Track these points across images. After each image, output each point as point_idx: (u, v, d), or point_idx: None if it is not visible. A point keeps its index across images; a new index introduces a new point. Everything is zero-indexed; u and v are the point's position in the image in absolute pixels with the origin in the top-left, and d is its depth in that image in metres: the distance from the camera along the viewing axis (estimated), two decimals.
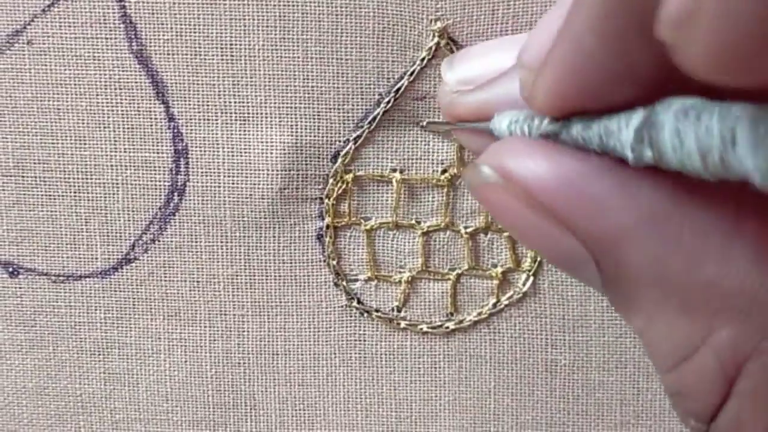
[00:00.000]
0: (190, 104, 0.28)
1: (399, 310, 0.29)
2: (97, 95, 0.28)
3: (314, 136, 0.28)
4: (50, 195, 0.29)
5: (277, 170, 0.28)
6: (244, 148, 0.28)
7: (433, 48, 0.27)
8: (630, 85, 0.16)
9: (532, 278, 0.29)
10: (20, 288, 0.29)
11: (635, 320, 0.17)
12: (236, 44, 0.27)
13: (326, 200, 0.28)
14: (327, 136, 0.28)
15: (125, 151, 0.28)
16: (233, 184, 0.28)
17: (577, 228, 0.17)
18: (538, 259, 0.29)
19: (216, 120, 0.28)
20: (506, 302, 0.29)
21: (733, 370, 0.16)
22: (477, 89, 0.23)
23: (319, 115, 0.28)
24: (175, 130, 0.28)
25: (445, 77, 0.24)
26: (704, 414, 0.17)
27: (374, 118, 0.27)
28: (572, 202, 0.17)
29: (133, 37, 0.27)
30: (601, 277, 0.18)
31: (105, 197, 0.28)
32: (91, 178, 0.28)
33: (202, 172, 0.28)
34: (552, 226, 0.18)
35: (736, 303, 0.15)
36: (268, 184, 0.28)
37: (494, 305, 0.29)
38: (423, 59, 0.27)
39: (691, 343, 0.16)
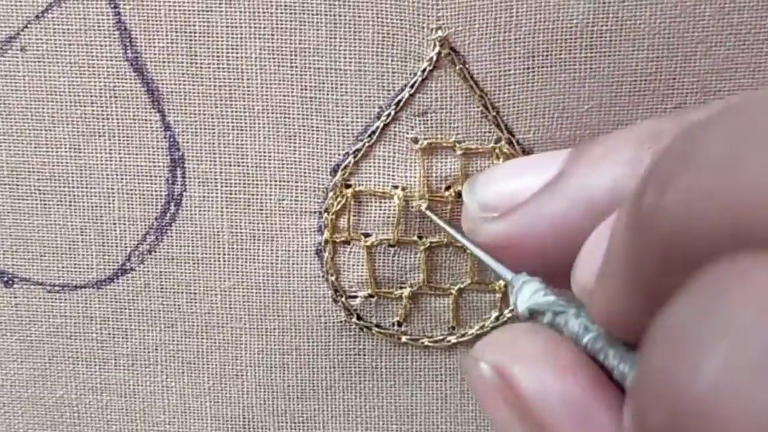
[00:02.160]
0: (186, 113, 0.27)
1: (400, 325, 0.29)
2: (92, 103, 0.27)
3: (313, 148, 0.28)
4: (45, 204, 0.28)
5: (275, 181, 0.28)
6: (242, 159, 0.28)
7: (434, 58, 0.26)
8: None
9: None
10: (15, 298, 0.29)
11: None
12: (233, 53, 0.27)
13: (325, 214, 0.28)
14: (326, 149, 0.28)
15: (121, 160, 0.28)
16: (231, 194, 0.28)
17: None
18: None
19: (213, 129, 0.27)
20: (509, 315, 0.29)
21: None
22: (501, 218, 0.22)
23: (317, 127, 0.27)
24: (171, 139, 0.28)
25: (466, 201, 0.24)
26: None
27: (374, 132, 0.27)
28: (572, 427, 0.17)
29: (128, 44, 0.27)
30: None
31: (101, 207, 0.28)
32: (87, 188, 0.28)
33: (199, 182, 0.28)
34: None
35: None
36: (266, 196, 0.28)
37: (497, 318, 0.29)
38: (424, 70, 0.26)
39: None
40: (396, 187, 0.28)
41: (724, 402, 0.10)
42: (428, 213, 0.27)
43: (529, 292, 0.20)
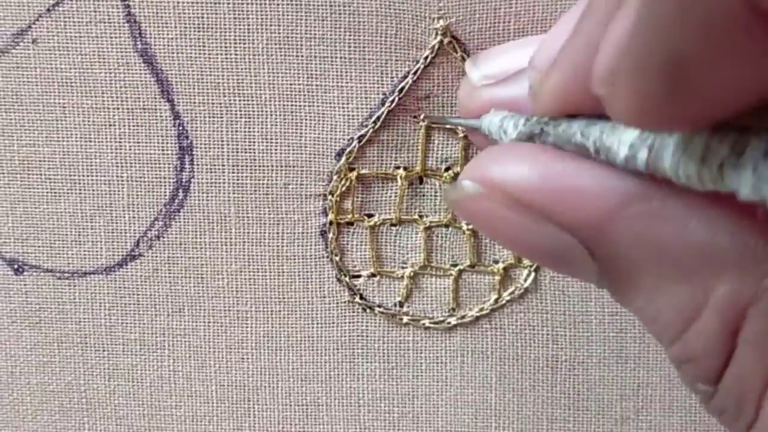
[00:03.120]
0: (194, 102, 0.28)
1: (401, 306, 0.29)
2: (102, 94, 0.28)
3: (318, 134, 0.28)
4: (55, 192, 0.29)
5: (281, 167, 0.28)
6: (249, 146, 0.28)
7: (436, 47, 0.27)
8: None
9: (533, 274, 0.29)
10: (25, 285, 0.29)
11: (635, 301, 0.18)
12: (240, 42, 0.27)
13: (330, 197, 0.28)
14: (331, 134, 0.28)
15: (130, 149, 0.28)
16: (237, 180, 0.28)
17: (565, 220, 0.18)
18: None
19: (221, 117, 0.28)
20: (508, 298, 0.29)
21: (735, 324, 0.16)
22: (495, 85, 0.23)
23: (323, 114, 0.28)
24: (180, 128, 0.28)
25: (469, 74, 0.25)
26: (712, 375, 0.17)
27: (378, 118, 0.28)
28: (556, 196, 0.18)
29: (137, 35, 0.27)
30: (597, 265, 0.18)
31: (110, 194, 0.29)
32: (96, 176, 0.28)
33: (206, 169, 0.28)
34: (540, 225, 0.18)
35: (728, 259, 0.16)
36: (272, 181, 0.28)
37: (496, 301, 0.29)
38: (426, 58, 0.27)
39: (694, 308, 0.17)
40: (398, 167, 0.28)
41: None
42: (427, 117, 0.28)
43: (498, 115, 0.21)
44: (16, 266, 0.29)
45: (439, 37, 0.27)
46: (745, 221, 0.16)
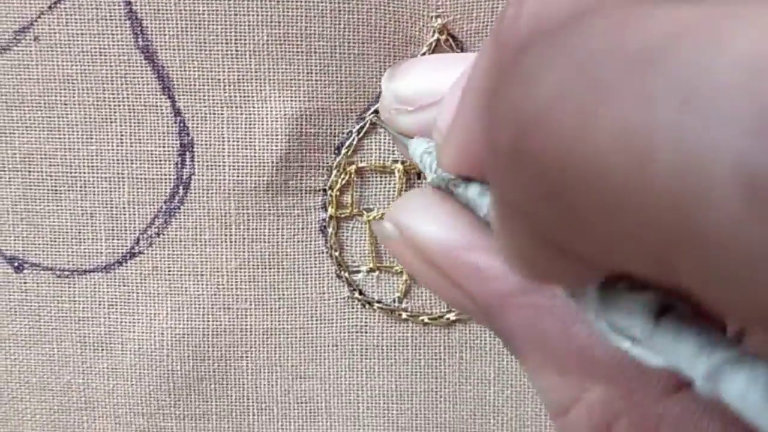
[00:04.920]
0: (195, 98, 0.28)
1: (400, 301, 0.30)
2: (104, 90, 0.28)
3: (317, 129, 0.28)
4: (55, 189, 0.29)
5: (281, 162, 0.28)
6: (249, 142, 0.28)
7: (434, 44, 0.27)
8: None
9: None
10: (25, 282, 0.29)
11: (526, 371, 0.19)
12: (241, 39, 0.27)
13: (329, 191, 0.29)
14: (330, 129, 0.28)
15: (131, 145, 0.28)
16: (238, 176, 0.28)
17: (464, 289, 0.19)
18: None
19: (221, 114, 0.28)
20: None
21: (604, 428, 0.17)
22: (415, 112, 0.23)
23: (322, 109, 0.28)
24: (181, 125, 0.28)
25: (384, 90, 0.25)
26: None
27: (376, 111, 0.28)
28: (458, 266, 0.19)
29: (139, 32, 0.27)
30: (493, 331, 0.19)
31: (110, 191, 0.29)
32: (97, 173, 0.28)
33: (207, 166, 0.28)
34: (446, 282, 0.19)
35: (603, 368, 0.17)
36: (272, 176, 0.28)
37: None
38: (423, 54, 0.27)
39: (568, 400, 0.17)
40: (396, 161, 0.29)
41: (554, 109, 0.11)
42: (377, 120, 0.28)
43: (422, 145, 0.22)
44: (16, 264, 0.29)
45: (436, 35, 0.27)
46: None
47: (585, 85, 0.11)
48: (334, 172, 0.28)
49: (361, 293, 0.30)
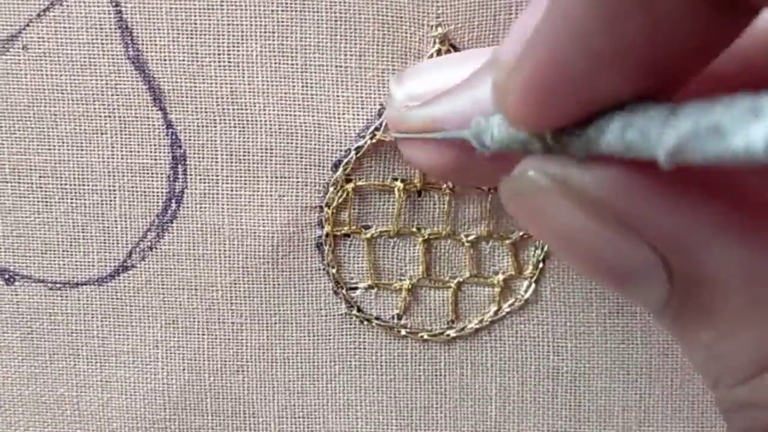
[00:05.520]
0: (187, 110, 0.27)
1: (399, 318, 0.29)
2: (94, 101, 0.28)
3: (314, 145, 0.28)
4: (47, 201, 0.28)
5: (276, 177, 0.28)
6: (243, 156, 0.28)
7: (434, 55, 0.27)
8: (620, 73, 0.14)
9: (534, 285, 0.29)
10: (17, 295, 0.29)
11: (703, 335, 0.16)
12: (234, 50, 0.27)
13: (326, 209, 0.28)
14: (327, 145, 0.28)
15: (122, 158, 0.28)
16: (232, 191, 0.28)
17: (654, 230, 0.16)
18: (540, 265, 0.29)
19: (214, 126, 0.28)
20: (508, 309, 0.29)
21: None
22: (425, 104, 0.22)
23: (319, 124, 0.28)
24: (173, 137, 0.28)
25: (393, 93, 0.24)
26: None
27: (376, 128, 0.27)
28: (650, 204, 0.16)
29: (129, 42, 0.27)
30: (671, 287, 0.16)
31: (102, 204, 0.28)
32: (88, 185, 0.28)
33: (200, 179, 0.28)
34: (617, 233, 0.16)
35: None
36: (267, 192, 0.28)
37: (496, 312, 0.29)
38: None
39: None
40: (396, 179, 0.28)
41: None
42: (385, 134, 0.27)
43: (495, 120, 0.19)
44: (7, 276, 0.29)
45: (437, 46, 0.26)
46: None
47: None
48: (331, 189, 0.28)
49: (359, 310, 0.29)
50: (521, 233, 0.29)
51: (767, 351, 0.15)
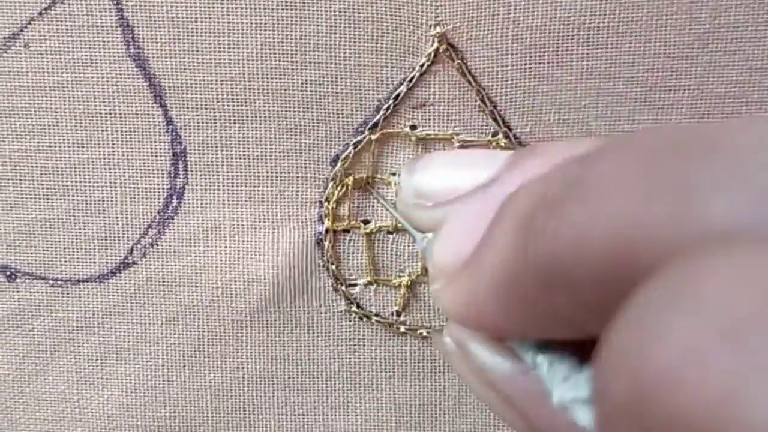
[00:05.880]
0: (188, 107, 0.28)
1: (398, 315, 0.29)
2: (95, 98, 0.28)
3: (313, 140, 0.28)
4: (48, 198, 0.28)
5: (276, 173, 0.28)
6: (243, 152, 0.28)
7: (433, 54, 0.27)
8: (540, 331, 0.17)
9: None
10: (18, 292, 0.29)
11: None
12: (234, 47, 0.27)
13: (326, 204, 0.28)
14: (326, 140, 0.28)
15: (123, 155, 0.28)
16: (232, 187, 0.28)
17: (522, 413, 0.18)
18: None
19: (214, 123, 0.28)
20: None
21: None
22: (434, 207, 0.23)
23: (317, 119, 0.28)
24: (174, 133, 0.28)
25: (402, 184, 0.24)
26: None
27: (374, 124, 0.27)
28: (517, 392, 0.18)
29: (130, 40, 0.27)
30: None
31: (103, 201, 0.28)
32: (89, 182, 0.28)
33: (201, 175, 0.28)
34: (503, 404, 0.19)
35: None
36: (267, 188, 0.28)
37: None
38: (422, 65, 0.27)
39: None
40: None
41: (688, 370, 0.10)
42: (374, 192, 0.28)
43: None
44: (8, 273, 0.29)
45: (435, 45, 0.26)
46: None
47: (734, 354, 0.10)
48: (330, 184, 0.28)
49: (358, 306, 0.29)
50: None
51: None
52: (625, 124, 0.27)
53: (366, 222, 0.29)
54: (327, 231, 0.28)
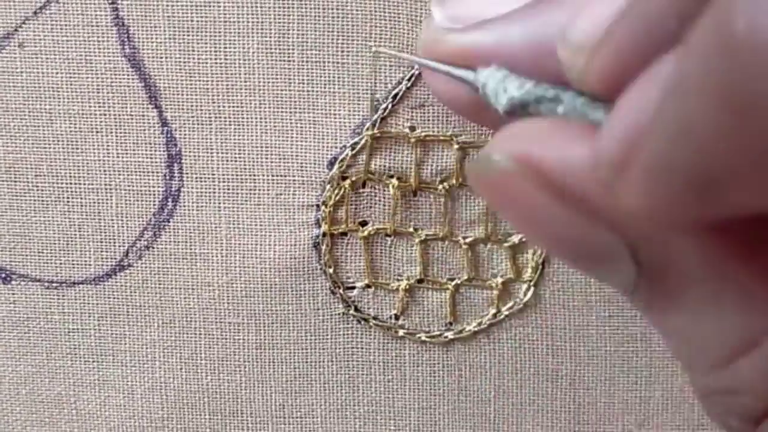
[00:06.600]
0: (183, 108, 0.27)
1: (397, 318, 0.29)
2: (90, 99, 0.27)
3: (310, 142, 0.28)
4: (43, 200, 0.28)
5: (273, 176, 0.28)
6: (239, 154, 0.28)
7: None
8: None
9: (533, 289, 0.29)
10: (13, 294, 0.29)
11: (673, 319, 0.16)
12: (230, 48, 0.27)
13: (323, 207, 0.28)
14: (323, 142, 0.28)
15: (118, 156, 0.28)
16: (228, 190, 0.28)
17: (617, 217, 0.15)
18: (540, 269, 0.29)
19: (210, 125, 0.28)
20: (507, 313, 0.29)
21: None
22: (469, 29, 0.20)
23: (315, 121, 0.27)
24: (169, 135, 0.28)
25: (434, 13, 0.21)
26: (755, 414, 0.15)
27: (372, 125, 0.27)
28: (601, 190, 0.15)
29: (125, 40, 0.27)
30: (637, 271, 0.16)
31: (98, 203, 0.28)
32: (84, 184, 0.28)
33: (196, 178, 0.28)
34: (582, 218, 0.16)
35: None
36: (263, 191, 0.28)
37: (494, 315, 0.29)
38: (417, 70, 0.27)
39: (751, 337, 0.15)
40: (391, 176, 0.28)
41: None
42: (383, 50, 0.26)
43: (498, 74, 0.18)
44: (3, 275, 0.29)
45: None
46: None
47: None
48: (328, 187, 0.28)
49: (356, 310, 0.29)
50: (520, 236, 0.28)
51: (732, 342, 0.15)
52: None
53: (363, 224, 0.29)
54: (324, 234, 0.28)
